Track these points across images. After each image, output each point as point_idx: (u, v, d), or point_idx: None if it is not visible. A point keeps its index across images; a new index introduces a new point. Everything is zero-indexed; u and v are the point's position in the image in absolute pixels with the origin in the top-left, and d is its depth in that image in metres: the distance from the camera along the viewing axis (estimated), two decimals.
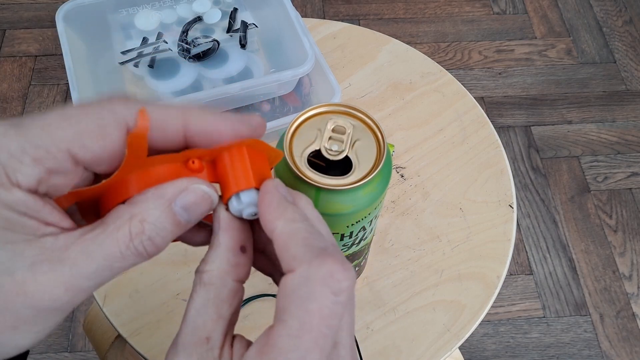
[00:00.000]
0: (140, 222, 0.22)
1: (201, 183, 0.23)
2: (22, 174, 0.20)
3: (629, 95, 1.40)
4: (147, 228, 0.22)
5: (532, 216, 1.22)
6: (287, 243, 0.22)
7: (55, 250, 0.21)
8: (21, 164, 0.20)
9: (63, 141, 0.21)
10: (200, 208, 0.24)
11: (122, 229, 0.22)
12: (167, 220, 0.22)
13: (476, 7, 1.55)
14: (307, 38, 0.55)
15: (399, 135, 0.61)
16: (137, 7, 0.60)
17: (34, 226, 0.21)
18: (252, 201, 0.24)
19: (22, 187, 0.21)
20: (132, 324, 0.48)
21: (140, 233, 0.22)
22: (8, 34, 1.45)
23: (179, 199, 0.23)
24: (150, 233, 0.22)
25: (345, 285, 0.21)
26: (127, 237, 0.22)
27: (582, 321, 1.10)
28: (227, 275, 0.24)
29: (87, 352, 1.04)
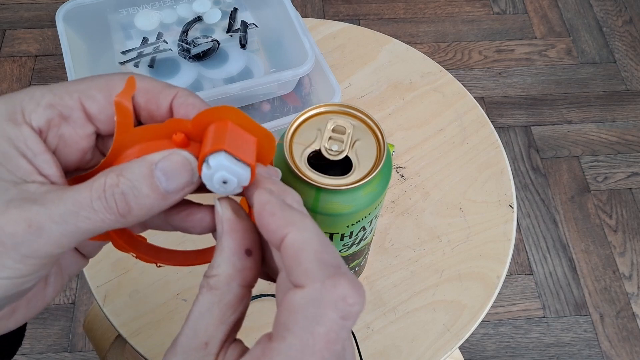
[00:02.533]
0: (117, 175, 0.22)
1: (183, 151, 0.24)
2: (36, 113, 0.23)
3: (629, 95, 1.40)
4: (122, 182, 0.22)
5: (532, 216, 1.22)
6: (298, 255, 0.21)
7: (35, 194, 0.21)
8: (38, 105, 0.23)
9: (75, 91, 0.23)
10: (180, 176, 0.23)
11: (99, 180, 0.22)
12: (145, 182, 0.22)
13: (476, 7, 1.55)
14: (307, 38, 0.55)
15: (399, 135, 0.61)
16: (137, 7, 0.60)
17: (27, 170, 0.22)
18: (221, 165, 0.23)
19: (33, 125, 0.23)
20: (132, 324, 0.48)
21: (114, 185, 0.22)
22: (8, 34, 1.45)
23: (159, 162, 0.23)
24: (124, 187, 0.22)
25: (356, 310, 0.20)
26: (101, 187, 0.22)
27: (582, 321, 1.10)
28: (232, 280, 0.23)
29: (87, 352, 1.04)
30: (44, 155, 0.23)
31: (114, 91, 0.24)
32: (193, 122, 0.24)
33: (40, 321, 1.07)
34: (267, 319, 0.48)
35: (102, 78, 0.24)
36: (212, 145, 0.23)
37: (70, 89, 0.24)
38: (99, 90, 0.24)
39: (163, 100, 0.25)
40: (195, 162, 0.24)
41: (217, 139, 0.23)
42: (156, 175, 0.22)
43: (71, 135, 0.24)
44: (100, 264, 0.51)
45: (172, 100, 0.25)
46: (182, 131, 0.24)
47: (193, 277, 0.50)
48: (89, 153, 0.26)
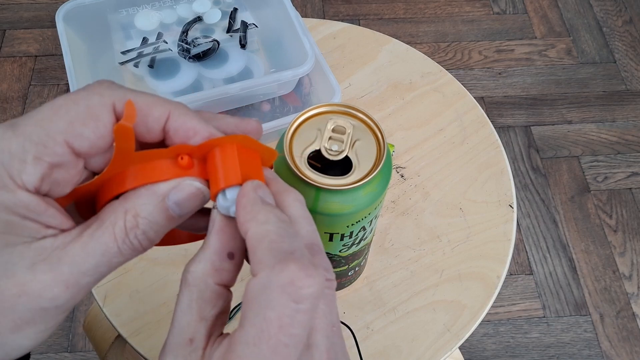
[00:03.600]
0: (133, 217, 0.22)
1: (193, 179, 0.24)
2: (26, 174, 0.21)
3: (629, 95, 1.40)
4: (141, 222, 0.22)
5: (532, 216, 1.22)
6: (254, 246, 0.22)
7: (55, 250, 0.21)
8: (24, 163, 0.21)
9: (58, 133, 0.21)
10: (193, 203, 0.24)
11: (117, 224, 0.22)
12: (160, 216, 0.23)
13: (476, 7, 1.55)
14: (307, 38, 0.55)
15: (399, 135, 0.61)
16: (137, 7, 0.60)
17: (34, 229, 0.21)
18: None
19: (27, 187, 0.21)
20: (132, 324, 0.48)
21: (135, 227, 0.22)
22: (8, 34, 1.45)
23: (171, 195, 0.23)
24: (144, 227, 0.22)
25: (308, 292, 0.20)
26: (123, 232, 0.22)
27: (582, 321, 1.10)
28: (209, 278, 0.23)
29: (87, 352, 1.04)
30: (47, 211, 0.22)
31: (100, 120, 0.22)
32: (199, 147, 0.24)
33: None
34: None
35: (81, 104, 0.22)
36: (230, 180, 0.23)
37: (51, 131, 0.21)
38: (85, 126, 0.22)
39: (154, 123, 0.23)
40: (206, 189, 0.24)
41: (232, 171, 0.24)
42: (170, 208, 0.23)
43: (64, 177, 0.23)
44: None
45: (164, 122, 0.24)
46: (187, 152, 0.24)
47: None
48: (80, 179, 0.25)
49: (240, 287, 0.24)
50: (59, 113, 0.21)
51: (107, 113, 0.22)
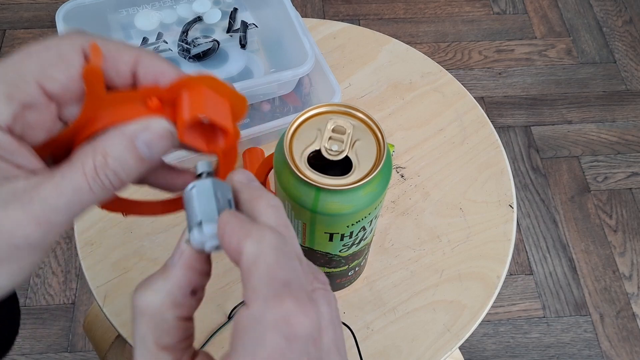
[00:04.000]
0: (103, 156, 0.22)
1: (162, 120, 0.24)
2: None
3: (629, 95, 1.40)
4: (110, 162, 0.22)
5: (532, 216, 1.22)
6: (250, 270, 0.21)
7: (26, 190, 0.22)
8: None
9: (30, 74, 0.22)
10: (161, 144, 0.24)
11: (87, 163, 0.22)
12: (130, 155, 0.23)
13: (476, 7, 1.55)
14: (307, 38, 0.55)
15: (399, 135, 0.61)
16: (137, 7, 0.60)
17: (6, 169, 0.22)
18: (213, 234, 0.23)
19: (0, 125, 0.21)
20: (132, 324, 0.48)
21: (104, 166, 0.22)
22: (8, 34, 1.45)
23: (140, 135, 0.23)
24: (113, 167, 0.22)
25: (303, 331, 0.19)
26: (93, 171, 0.22)
27: (582, 321, 1.10)
28: (167, 311, 0.23)
29: (87, 352, 1.04)
30: (19, 150, 0.22)
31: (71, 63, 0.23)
32: (169, 89, 0.24)
33: (40, 321, 1.07)
34: None
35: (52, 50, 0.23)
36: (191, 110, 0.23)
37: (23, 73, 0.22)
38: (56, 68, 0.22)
39: (123, 66, 0.24)
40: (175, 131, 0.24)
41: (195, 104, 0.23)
42: (139, 147, 0.23)
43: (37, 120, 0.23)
44: (100, 264, 0.51)
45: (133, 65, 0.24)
46: (156, 96, 0.24)
47: None
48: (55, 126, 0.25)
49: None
50: (31, 57, 0.22)
51: (77, 56, 0.23)
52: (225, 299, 0.49)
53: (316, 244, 0.40)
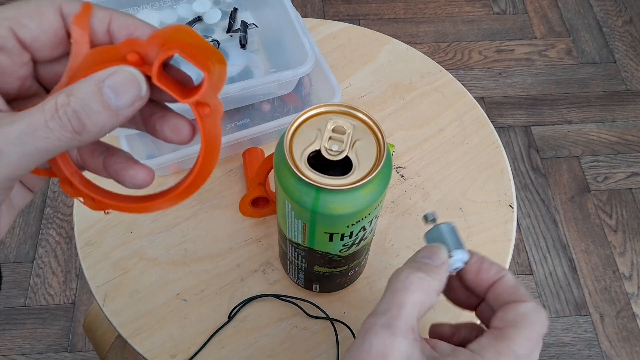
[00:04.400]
0: (67, 95, 0.22)
1: (131, 67, 0.24)
2: None
3: (629, 95, 1.40)
4: (73, 101, 0.22)
5: (532, 216, 1.22)
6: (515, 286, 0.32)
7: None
8: None
9: (5, 19, 0.23)
10: (128, 91, 0.23)
11: (50, 101, 0.22)
12: (95, 99, 0.23)
13: (476, 7, 1.55)
14: (307, 38, 0.55)
15: (399, 135, 0.61)
16: (137, 7, 0.60)
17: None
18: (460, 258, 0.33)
19: None
20: (132, 324, 0.48)
21: (66, 105, 0.22)
22: None
23: (107, 79, 0.23)
24: (75, 106, 0.22)
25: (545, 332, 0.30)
26: (53, 107, 0.22)
27: (582, 321, 1.10)
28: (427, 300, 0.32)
29: (87, 352, 1.04)
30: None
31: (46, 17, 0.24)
32: (148, 41, 0.24)
33: (40, 321, 1.07)
34: (267, 319, 0.48)
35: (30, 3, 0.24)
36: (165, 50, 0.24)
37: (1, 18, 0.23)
38: (30, 18, 0.24)
39: (98, 24, 0.25)
40: (142, 78, 0.24)
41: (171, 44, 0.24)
42: (104, 92, 0.23)
43: (8, 64, 0.24)
44: (101, 264, 0.51)
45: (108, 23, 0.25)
46: (136, 51, 0.24)
47: (193, 276, 0.50)
48: (28, 80, 0.26)
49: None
50: (10, 6, 0.23)
51: (53, 13, 0.24)
52: (225, 299, 0.49)
53: (316, 244, 0.40)
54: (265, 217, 0.55)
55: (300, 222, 0.38)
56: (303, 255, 0.43)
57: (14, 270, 1.11)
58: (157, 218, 0.54)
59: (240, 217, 0.54)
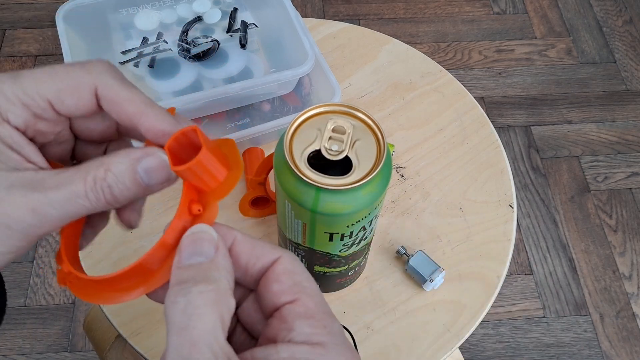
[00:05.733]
0: (105, 170, 0.25)
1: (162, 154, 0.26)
2: (13, 114, 0.25)
3: (629, 95, 1.40)
4: (109, 177, 0.25)
5: (532, 216, 1.22)
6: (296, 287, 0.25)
7: (33, 181, 0.24)
8: (13, 105, 0.24)
9: (46, 93, 0.25)
10: (159, 174, 0.26)
11: (91, 172, 0.25)
12: (128, 177, 0.25)
13: (476, 7, 1.55)
14: (307, 38, 0.55)
15: (399, 135, 0.61)
16: (137, 7, 0.60)
17: (18, 160, 0.25)
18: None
19: (11, 123, 0.25)
20: (132, 324, 0.48)
21: (103, 180, 0.25)
22: (8, 34, 1.45)
23: (142, 161, 0.25)
24: (110, 182, 0.25)
25: None
26: (93, 180, 0.24)
27: (582, 321, 1.10)
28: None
29: (87, 352, 1.04)
30: (30, 147, 0.25)
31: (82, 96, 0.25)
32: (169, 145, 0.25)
33: (40, 321, 1.07)
34: None
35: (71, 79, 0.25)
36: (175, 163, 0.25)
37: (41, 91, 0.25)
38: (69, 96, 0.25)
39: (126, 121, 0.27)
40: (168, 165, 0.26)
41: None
42: (138, 172, 0.25)
43: (46, 129, 0.26)
44: (101, 264, 0.51)
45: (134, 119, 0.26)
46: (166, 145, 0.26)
47: None
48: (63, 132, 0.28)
49: None
50: (53, 78, 0.25)
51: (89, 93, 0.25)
52: None
53: (316, 244, 0.40)
54: (265, 217, 0.55)
55: (300, 222, 0.38)
56: (303, 255, 0.43)
57: (14, 270, 1.11)
58: (156, 218, 0.54)
59: (240, 217, 0.54)
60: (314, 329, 0.24)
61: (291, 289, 0.25)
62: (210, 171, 0.25)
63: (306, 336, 0.23)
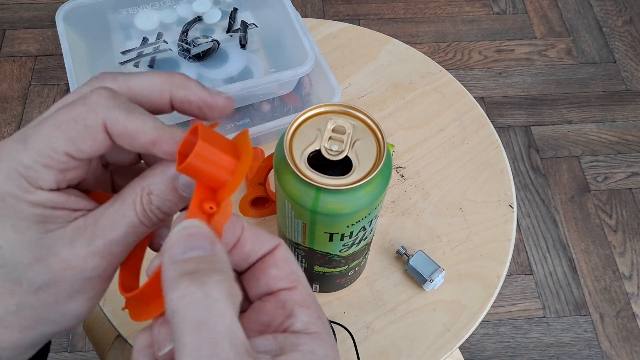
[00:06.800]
0: (147, 194, 0.25)
1: None
2: (42, 179, 0.25)
3: (629, 95, 1.40)
4: (154, 199, 0.25)
5: (532, 216, 1.22)
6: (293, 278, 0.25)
7: (88, 227, 0.25)
8: (37, 172, 0.24)
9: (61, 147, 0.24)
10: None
11: (137, 200, 0.25)
12: (172, 194, 0.26)
13: (476, 7, 1.55)
14: (307, 38, 0.55)
15: (399, 135, 0.61)
16: (137, 7, 0.60)
17: (65, 215, 0.25)
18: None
19: (44, 188, 0.25)
20: (132, 324, 0.48)
21: (149, 204, 0.25)
22: (8, 34, 1.45)
23: (180, 177, 0.26)
24: (157, 203, 0.26)
25: None
26: (141, 207, 0.25)
27: (582, 321, 1.10)
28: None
29: (87, 352, 1.04)
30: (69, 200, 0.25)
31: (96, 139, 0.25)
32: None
33: None
34: None
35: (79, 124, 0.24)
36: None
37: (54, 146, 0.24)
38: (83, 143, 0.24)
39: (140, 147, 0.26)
40: None
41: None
42: (179, 188, 0.26)
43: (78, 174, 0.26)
44: None
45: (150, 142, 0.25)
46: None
47: None
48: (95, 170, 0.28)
49: None
50: (60, 129, 0.24)
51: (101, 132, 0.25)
52: None
53: (316, 244, 0.40)
54: (265, 217, 0.55)
55: (300, 222, 0.38)
56: (303, 255, 0.43)
57: None
58: None
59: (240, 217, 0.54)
60: (311, 318, 0.24)
61: (288, 277, 0.25)
62: (215, 162, 0.24)
63: (304, 324, 0.23)
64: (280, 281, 0.25)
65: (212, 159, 0.24)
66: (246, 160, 0.25)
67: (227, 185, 0.24)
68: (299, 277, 0.25)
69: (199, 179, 0.24)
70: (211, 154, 0.24)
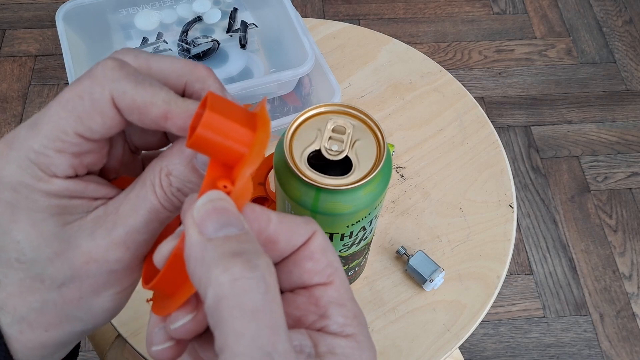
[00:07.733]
0: (167, 176, 0.23)
1: None
2: (55, 166, 0.23)
3: (629, 95, 1.40)
4: (174, 181, 0.24)
5: (532, 216, 1.22)
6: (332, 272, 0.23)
7: (108, 216, 0.23)
8: (49, 157, 0.22)
9: (69, 128, 0.22)
10: None
11: (157, 183, 0.23)
12: (191, 174, 0.24)
13: (476, 7, 1.55)
14: (307, 38, 0.55)
15: (399, 135, 0.61)
16: (137, 7, 0.60)
17: (84, 205, 0.24)
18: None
19: (59, 176, 0.23)
20: (132, 324, 0.48)
21: (169, 186, 0.24)
22: (8, 34, 1.45)
23: (199, 155, 0.23)
24: (177, 185, 0.24)
25: None
26: (161, 190, 0.23)
27: (582, 321, 1.10)
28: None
29: (87, 352, 1.04)
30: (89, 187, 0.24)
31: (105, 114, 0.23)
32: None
33: None
34: None
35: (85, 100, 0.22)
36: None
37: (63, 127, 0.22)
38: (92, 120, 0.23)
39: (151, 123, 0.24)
40: None
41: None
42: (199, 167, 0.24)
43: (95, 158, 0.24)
44: None
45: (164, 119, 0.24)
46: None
47: None
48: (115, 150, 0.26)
49: None
50: (66, 108, 0.22)
51: (110, 108, 0.23)
52: None
53: None
54: None
55: None
56: None
57: None
58: None
59: None
60: (347, 319, 0.22)
61: (325, 270, 0.22)
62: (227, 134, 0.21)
63: (339, 326, 0.21)
64: (316, 275, 0.22)
65: (223, 131, 0.21)
66: (263, 131, 0.22)
67: (243, 160, 0.22)
68: (336, 270, 0.23)
69: (211, 154, 0.22)
70: (222, 125, 0.21)
